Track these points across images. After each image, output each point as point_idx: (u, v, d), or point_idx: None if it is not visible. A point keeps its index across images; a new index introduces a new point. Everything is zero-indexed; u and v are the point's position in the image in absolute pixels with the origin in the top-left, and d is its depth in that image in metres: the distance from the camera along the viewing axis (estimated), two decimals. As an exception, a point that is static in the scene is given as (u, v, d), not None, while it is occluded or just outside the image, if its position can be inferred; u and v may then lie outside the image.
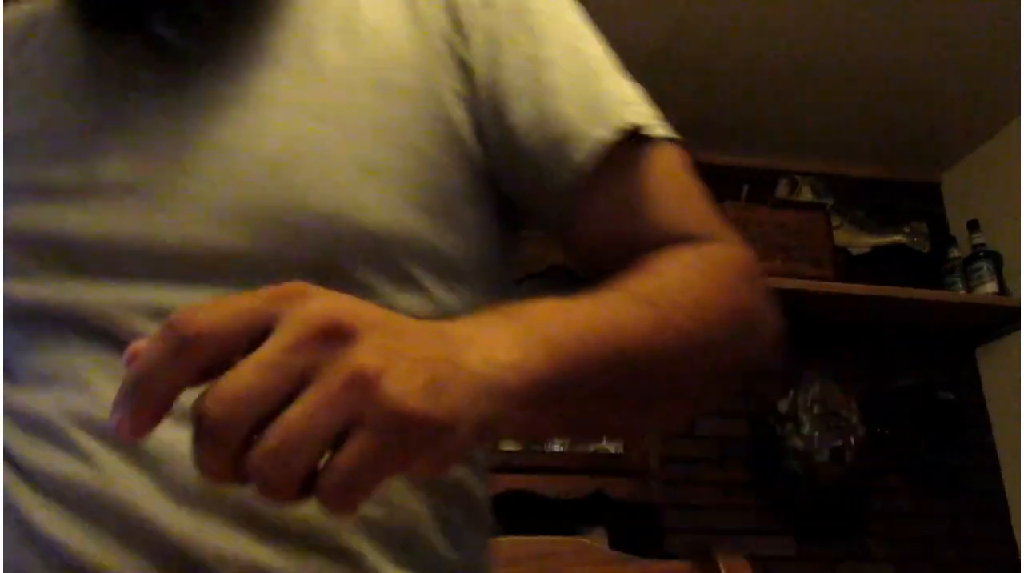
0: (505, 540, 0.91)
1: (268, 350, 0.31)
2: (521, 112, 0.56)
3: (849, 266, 2.64)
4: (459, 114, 0.56)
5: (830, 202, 2.67)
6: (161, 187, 0.50)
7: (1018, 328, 2.63)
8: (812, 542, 2.49)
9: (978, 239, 2.72)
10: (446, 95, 0.56)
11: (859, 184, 2.96)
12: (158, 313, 0.47)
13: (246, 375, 0.30)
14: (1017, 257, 2.66)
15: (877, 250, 2.76)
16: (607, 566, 0.93)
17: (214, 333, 0.31)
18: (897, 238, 2.77)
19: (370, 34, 0.55)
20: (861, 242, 2.75)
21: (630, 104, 0.60)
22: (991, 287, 2.64)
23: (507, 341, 0.39)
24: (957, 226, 2.89)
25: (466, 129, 0.56)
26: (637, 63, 2.68)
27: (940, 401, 2.63)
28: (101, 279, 0.49)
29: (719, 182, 2.79)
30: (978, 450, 2.68)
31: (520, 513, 2.13)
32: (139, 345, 0.33)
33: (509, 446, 2.20)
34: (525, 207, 0.60)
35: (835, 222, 2.67)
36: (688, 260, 0.54)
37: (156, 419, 0.32)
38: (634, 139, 0.58)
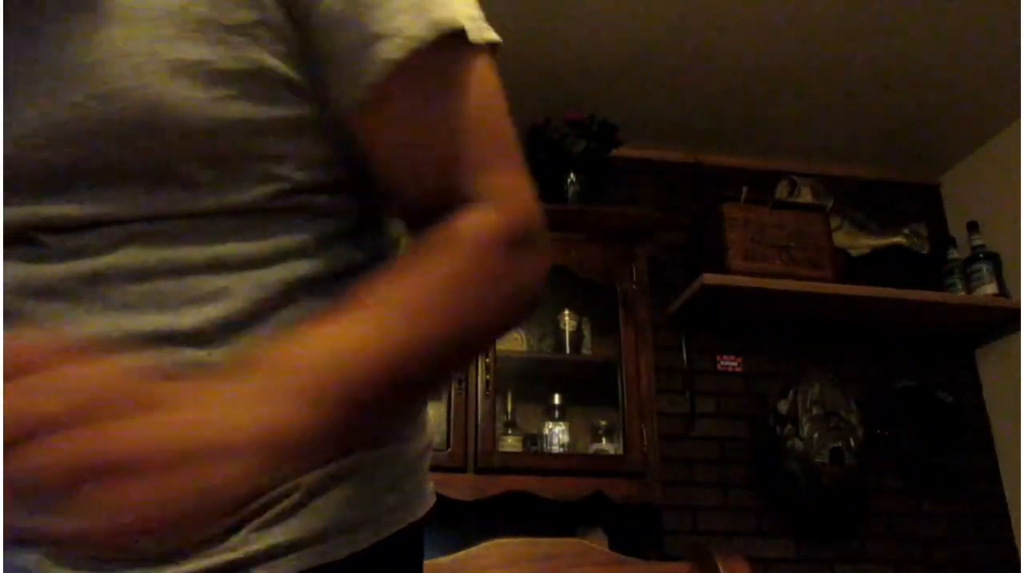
0: (505, 541, 0.91)
1: None
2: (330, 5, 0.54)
3: (849, 267, 2.65)
4: (271, 5, 0.54)
5: (830, 204, 2.67)
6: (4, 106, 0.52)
7: (1017, 329, 2.63)
8: (811, 543, 2.49)
9: (977, 240, 2.72)
10: None
11: (859, 186, 2.97)
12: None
13: None
14: (1016, 258, 2.66)
15: (877, 251, 2.76)
16: (607, 567, 0.93)
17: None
18: (897, 239, 2.77)
19: None
20: (861, 243, 2.75)
21: (426, 11, 0.55)
22: (990, 288, 2.64)
23: (254, 399, 0.43)
24: (956, 228, 2.89)
25: (280, 19, 0.54)
26: (638, 64, 2.69)
27: (939, 402, 2.63)
28: None
29: (719, 183, 2.82)
30: (977, 451, 2.68)
31: (520, 514, 2.13)
32: None
33: (509, 448, 2.20)
34: (335, 113, 0.57)
35: (835, 223, 2.67)
36: (444, 268, 0.54)
37: None
38: (450, 41, 0.55)
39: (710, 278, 2.41)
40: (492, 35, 0.59)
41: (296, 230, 0.57)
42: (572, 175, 2.54)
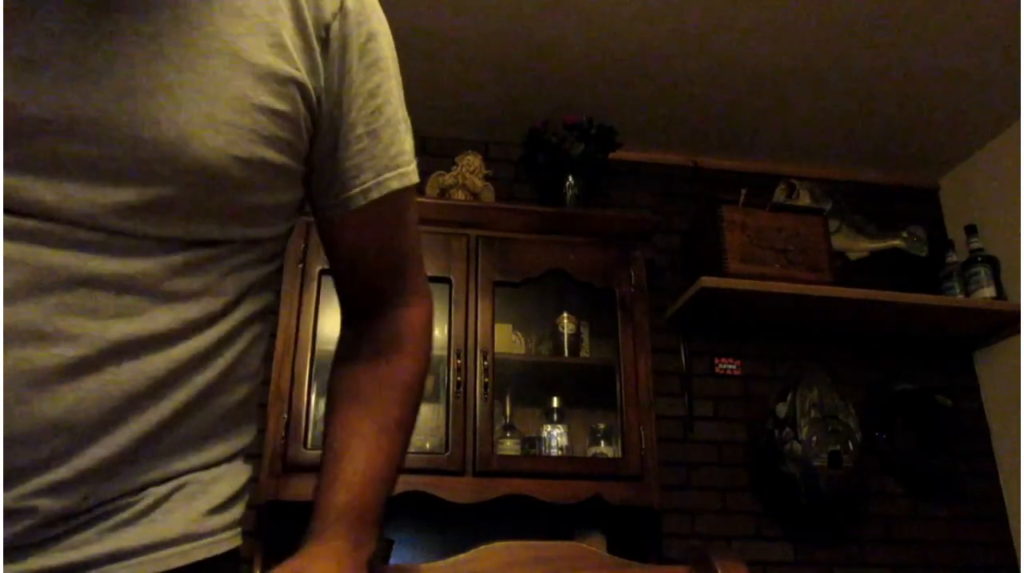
0: (503, 544, 0.90)
1: None
2: (354, 131, 0.72)
3: (847, 270, 2.65)
4: (302, 104, 0.67)
5: (828, 206, 2.67)
6: (83, 124, 0.56)
7: (1016, 332, 2.64)
8: (810, 546, 2.49)
9: (976, 244, 2.72)
10: (302, 87, 0.67)
11: (857, 189, 2.97)
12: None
13: None
14: (1014, 261, 2.66)
15: (875, 254, 2.76)
16: (605, 571, 0.93)
17: None
18: (895, 243, 2.78)
19: (253, 16, 0.64)
20: (859, 246, 2.76)
21: (411, 162, 0.78)
22: (989, 291, 2.64)
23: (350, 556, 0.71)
24: (955, 231, 2.90)
25: (303, 116, 0.67)
26: (636, 67, 2.69)
27: (938, 405, 2.63)
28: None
29: (718, 186, 2.82)
30: (976, 454, 2.68)
31: (519, 517, 2.13)
32: None
33: (508, 451, 2.20)
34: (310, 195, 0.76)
35: (833, 226, 2.67)
36: (410, 375, 0.81)
37: None
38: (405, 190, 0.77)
39: (708, 281, 2.41)
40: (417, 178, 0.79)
41: (258, 271, 0.71)
42: (570, 178, 2.54)
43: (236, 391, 0.68)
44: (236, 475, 0.69)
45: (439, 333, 2.26)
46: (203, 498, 0.64)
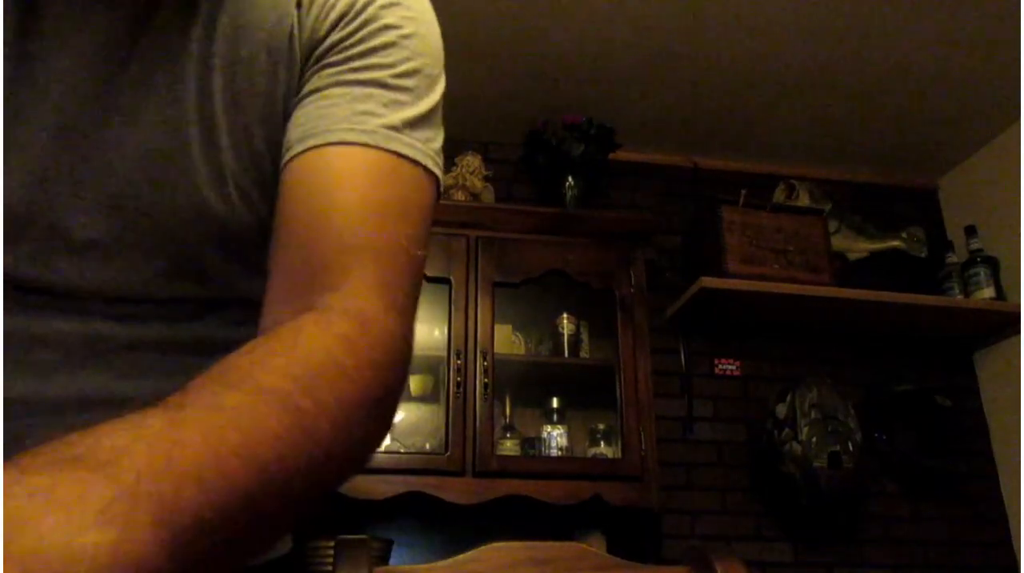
0: (503, 545, 0.90)
1: None
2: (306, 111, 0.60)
3: (846, 271, 2.65)
4: (284, 118, 0.60)
5: (828, 207, 2.67)
6: (60, 171, 0.55)
7: (1015, 333, 2.64)
8: (809, 547, 2.49)
9: (975, 244, 2.72)
10: (283, 107, 0.60)
11: (857, 189, 2.97)
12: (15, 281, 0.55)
13: None
14: (1014, 262, 2.66)
15: (874, 255, 2.76)
16: (605, 571, 0.93)
17: None
18: (894, 243, 2.78)
19: (242, 67, 0.60)
20: (859, 247, 2.76)
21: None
22: (988, 292, 2.64)
23: (94, 512, 0.30)
24: (954, 231, 2.90)
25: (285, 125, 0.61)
26: (636, 67, 2.69)
27: (937, 406, 2.63)
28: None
29: (718, 186, 2.82)
30: (975, 455, 2.68)
31: (518, 518, 2.13)
32: None
33: (507, 451, 2.20)
34: None
35: (832, 227, 2.67)
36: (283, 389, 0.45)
37: None
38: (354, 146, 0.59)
39: (708, 281, 2.41)
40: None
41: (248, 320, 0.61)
42: (570, 178, 2.54)
43: None
44: None
45: (439, 333, 2.26)
46: None
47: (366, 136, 0.57)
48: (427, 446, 2.25)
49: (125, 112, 0.56)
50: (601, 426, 2.33)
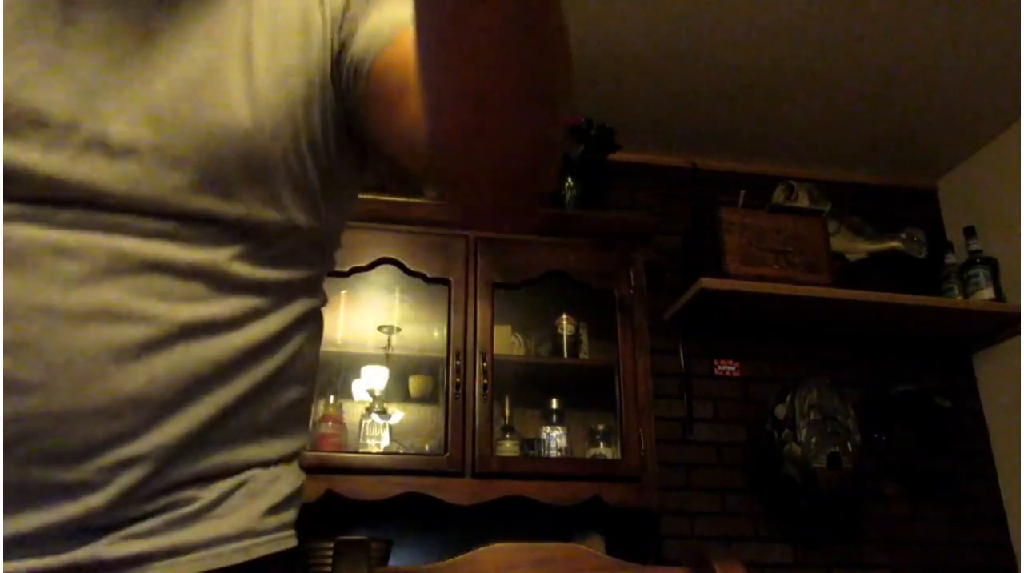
0: (502, 545, 0.90)
1: None
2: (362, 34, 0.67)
3: (846, 272, 2.65)
4: (329, 59, 0.68)
5: (827, 208, 2.67)
6: (107, 86, 0.60)
7: (1015, 334, 2.64)
8: (809, 548, 2.49)
9: (975, 245, 2.73)
10: (324, 52, 0.68)
11: (856, 190, 2.97)
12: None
13: None
14: (1013, 263, 2.66)
15: (874, 256, 2.76)
16: (604, 572, 0.93)
17: None
18: (894, 244, 2.78)
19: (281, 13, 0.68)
20: (858, 248, 2.76)
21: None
22: (988, 293, 2.64)
23: None
24: (954, 232, 2.90)
25: (330, 63, 0.68)
26: (635, 68, 2.68)
27: (937, 407, 2.63)
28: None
29: (717, 187, 2.82)
30: (975, 456, 2.68)
31: (517, 519, 2.13)
32: None
33: (507, 452, 2.20)
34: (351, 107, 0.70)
35: (832, 228, 2.67)
36: None
37: None
38: None
39: (708, 282, 2.41)
40: None
41: (309, 270, 0.71)
42: (569, 179, 2.54)
43: (291, 389, 0.69)
44: (293, 477, 0.71)
45: (438, 334, 2.26)
46: (264, 497, 0.66)
47: None
48: (426, 447, 2.25)
49: (169, 46, 0.62)
50: (600, 427, 2.34)
